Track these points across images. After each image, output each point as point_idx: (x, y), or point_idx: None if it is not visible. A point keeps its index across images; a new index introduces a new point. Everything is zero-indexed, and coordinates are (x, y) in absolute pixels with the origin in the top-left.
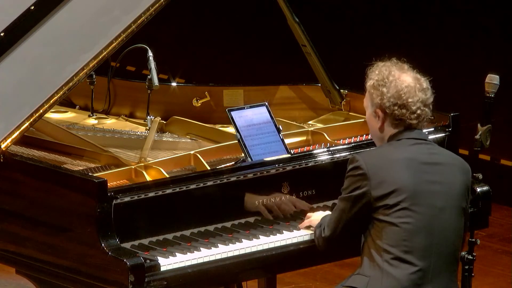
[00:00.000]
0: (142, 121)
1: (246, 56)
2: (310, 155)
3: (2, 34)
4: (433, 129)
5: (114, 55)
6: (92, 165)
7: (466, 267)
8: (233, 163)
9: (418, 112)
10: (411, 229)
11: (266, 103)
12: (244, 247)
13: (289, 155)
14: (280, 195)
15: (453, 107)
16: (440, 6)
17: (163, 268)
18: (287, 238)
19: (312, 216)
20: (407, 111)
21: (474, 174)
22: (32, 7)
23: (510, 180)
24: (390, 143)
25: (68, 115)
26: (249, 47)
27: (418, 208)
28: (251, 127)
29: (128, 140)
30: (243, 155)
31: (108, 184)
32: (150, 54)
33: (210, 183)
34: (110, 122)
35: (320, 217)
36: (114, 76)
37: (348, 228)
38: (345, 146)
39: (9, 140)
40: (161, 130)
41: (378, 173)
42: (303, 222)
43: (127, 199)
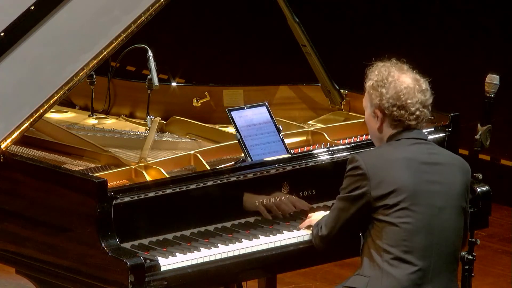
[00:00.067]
0: (142, 121)
1: (246, 56)
2: (310, 155)
3: (2, 34)
4: (433, 129)
5: (114, 55)
6: (92, 165)
7: (466, 267)
8: (233, 163)
9: (417, 113)
10: (411, 229)
11: (266, 103)
12: (244, 247)
13: (289, 155)
14: (280, 195)
15: (453, 107)
16: (440, 6)
17: (163, 268)
18: (287, 238)
19: (313, 216)
20: (406, 112)
21: (474, 174)
22: (32, 7)
23: (510, 180)
24: (390, 143)
25: (68, 115)
26: (249, 47)
27: (418, 208)
28: (251, 127)
29: (128, 140)
30: (243, 155)
31: (108, 184)
32: (150, 54)
33: (210, 183)
34: (110, 122)
35: (320, 216)
36: (114, 76)
37: (345, 227)
38: (345, 146)
39: (9, 140)
40: (161, 130)
41: (378, 173)
42: (303, 222)
43: (127, 199)
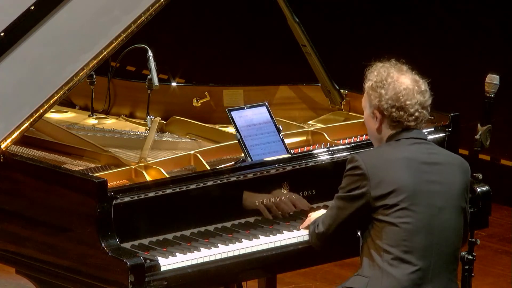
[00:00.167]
0: (142, 121)
1: (246, 56)
2: (310, 155)
3: (2, 34)
4: (433, 129)
5: (114, 55)
6: (92, 165)
7: (466, 267)
8: (233, 163)
9: (416, 114)
10: (411, 229)
11: (266, 103)
12: (244, 247)
13: (289, 155)
14: (280, 195)
15: (453, 107)
16: (440, 6)
17: (163, 268)
18: (287, 238)
19: (312, 215)
20: (405, 113)
21: (474, 174)
22: (32, 7)
23: (510, 180)
24: (389, 144)
25: (68, 115)
26: (249, 47)
27: (418, 208)
28: (251, 127)
29: (128, 140)
30: (243, 155)
31: (108, 184)
32: (150, 54)
33: (210, 183)
34: (110, 122)
35: (319, 215)
36: (114, 76)
37: (342, 226)
38: (345, 146)
39: (9, 140)
40: (161, 130)
41: (378, 173)
42: (303, 222)
43: (127, 199)
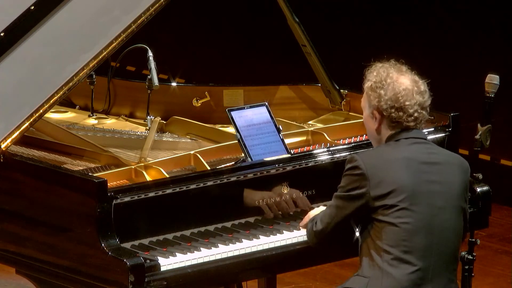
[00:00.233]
0: (142, 121)
1: (246, 56)
2: (310, 155)
3: (2, 34)
4: (433, 129)
5: (114, 55)
6: (92, 165)
7: (466, 267)
8: (233, 163)
9: (415, 115)
10: (411, 229)
11: (266, 103)
12: (244, 247)
13: (289, 155)
14: (280, 195)
15: (453, 107)
16: (440, 6)
17: (163, 268)
18: (287, 238)
19: (311, 213)
20: (404, 114)
21: (474, 174)
22: (32, 7)
23: (510, 180)
24: (388, 144)
25: (68, 115)
26: (249, 47)
27: (418, 208)
28: (251, 127)
29: (128, 140)
30: (243, 155)
31: (108, 184)
32: (150, 54)
33: (210, 183)
34: (110, 122)
35: (318, 211)
36: (114, 76)
37: (340, 225)
38: (345, 146)
39: (9, 140)
40: (161, 130)
41: (377, 173)
42: (303, 220)
43: (127, 199)
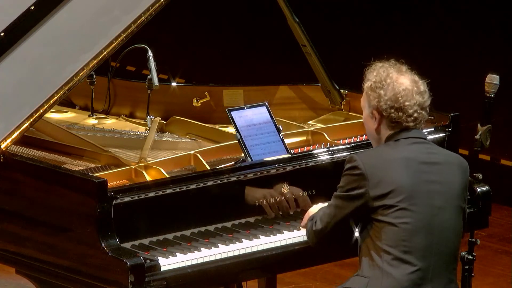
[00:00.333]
0: (142, 121)
1: (246, 56)
2: (310, 155)
3: (2, 34)
4: (433, 129)
5: (114, 55)
6: (92, 165)
7: (466, 267)
8: (233, 163)
9: (415, 115)
10: (410, 229)
11: (266, 103)
12: (244, 247)
13: (289, 155)
14: (280, 195)
15: (453, 107)
16: (440, 6)
17: (163, 268)
18: (287, 238)
19: (310, 210)
20: (403, 114)
21: (474, 174)
22: (32, 7)
23: (510, 180)
24: (388, 144)
25: (68, 115)
26: (249, 47)
27: (417, 208)
28: (251, 127)
29: (128, 140)
30: (243, 155)
31: (108, 184)
32: (150, 54)
33: (210, 183)
34: (110, 122)
35: (317, 209)
36: (114, 76)
37: (340, 225)
38: (345, 146)
39: (9, 140)
40: (161, 130)
41: (376, 173)
42: (303, 219)
43: (127, 199)
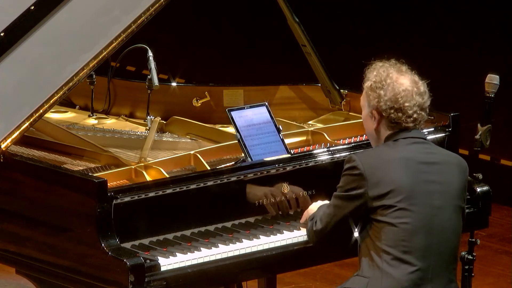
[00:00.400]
0: (142, 121)
1: (246, 56)
2: (310, 155)
3: (2, 34)
4: (433, 129)
5: (114, 55)
6: (92, 165)
7: (466, 267)
8: (233, 163)
9: (414, 116)
10: (410, 229)
11: (266, 103)
12: (245, 247)
13: (289, 155)
14: (280, 195)
15: (453, 107)
16: (440, 6)
17: (163, 268)
18: (287, 238)
19: (310, 208)
20: (403, 115)
21: (474, 174)
22: (32, 7)
23: (510, 180)
24: (387, 144)
25: (68, 115)
26: (249, 47)
27: (416, 208)
28: (251, 127)
29: (128, 140)
30: (243, 155)
31: (108, 184)
32: (150, 54)
33: (210, 183)
34: (110, 122)
35: (316, 207)
36: (114, 76)
37: (340, 224)
38: (345, 146)
39: (9, 140)
40: (161, 130)
41: (375, 173)
42: (302, 217)
43: (127, 199)
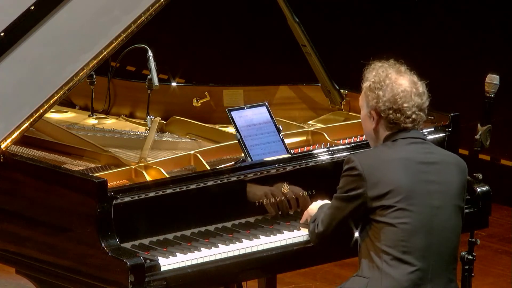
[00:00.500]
0: (142, 121)
1: (246, 56)
2: (310, 155)
3: (2, 34)
4: (433, 129)
5: (114, 55)
6: (92, 165)
7: (466, 267)
8: (233, 163)
9: (413, 117)
10: (409, 229)
11: (266, 103)
12: (245, 247)
13: (289, 155)
14: (280, 195)
15: (453, 107)
16: (440, 6)
17: (163, 268)
18: (287, 238)
19: (310, 206)
20: (402, 116)
21: (474, 174)
22: (32, 7)
23: (510, 180)
24: (386, 144)
25: (68, 115)
26: (249, 47)
27: (415, 208)
28: (251, 127)
29: (128, 140)
30: (243, 155)
31: (108, 184)
32: (150, 54)
33: (210, 183)
34: (110, 122)
35: (317, 207)
36: (114, 76)
37: (341, 226)
38: (345, 146)
39: (9, 140)
40: (161, 130)
41: (374, 173)
42: (302, 217)
43: (127, 199)
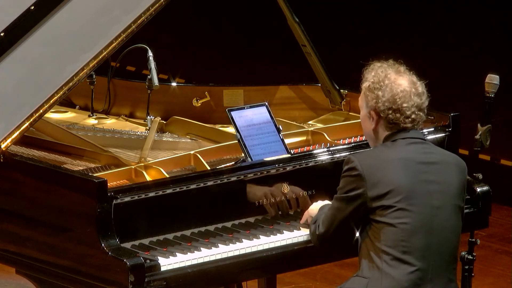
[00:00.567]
0: (142, 121)
1: (246, 56)
2: (310, 155)
3: (2, 34)
4: (433, 129)
5: (114, 55)
6: (92, 165)
7: (466, 267)
8: (233, 163)
9: (412, 117)
10: (409, 229)
11: (266, 103)
12: (245, 247)
13: (289, 155)
14: (280, 195)
15: (453, 107)
16: (440, 6)
17: (163, 268)
18: (287, 238)
19: (310, 207)
20: (401, 116)
21: (474, 174)
22: (32, 7)
23: (510, 180)
24: (385, 144)
25: (68, 115)
26: (249, 47)
27: (415, 208)
28: (251, 127)
29: (128, 140)
30: (243, 155)
31: (108, 184)
32: (150, 54)
33: (210, 183)
34: (110, 122)
35: (317, 207)
36: (114, 76)
37: (342, 227)
38: (345, 146)
39: (9, 140)
40: (161, 130)
41: (374, 173)
42: (302, 217)
43: (127, 199)
